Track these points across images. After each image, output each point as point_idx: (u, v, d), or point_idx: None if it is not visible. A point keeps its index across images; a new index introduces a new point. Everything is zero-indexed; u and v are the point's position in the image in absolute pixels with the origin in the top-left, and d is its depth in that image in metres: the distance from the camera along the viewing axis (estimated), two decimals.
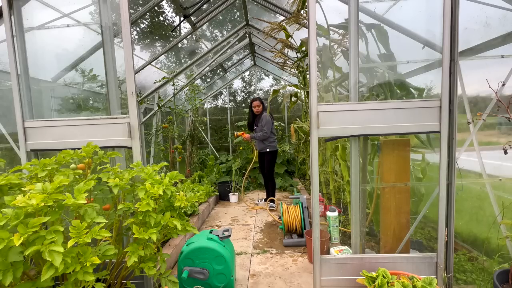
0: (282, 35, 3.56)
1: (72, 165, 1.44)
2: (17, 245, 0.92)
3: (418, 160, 2.45)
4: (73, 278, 1.05)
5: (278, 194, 4.66)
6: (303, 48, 3.49)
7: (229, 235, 1.89)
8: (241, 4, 3.89)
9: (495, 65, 1.92)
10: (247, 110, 5.67)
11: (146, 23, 4.78)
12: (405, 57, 2.25)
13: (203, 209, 3.48)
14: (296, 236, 2.79)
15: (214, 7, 3.62)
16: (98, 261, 1.08)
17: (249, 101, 4.15)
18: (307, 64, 3.60)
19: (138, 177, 1.51)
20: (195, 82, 5.80)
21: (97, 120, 1.68)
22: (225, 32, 5.22)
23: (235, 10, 4.74)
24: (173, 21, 4.71)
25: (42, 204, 1.02)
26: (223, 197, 4.44)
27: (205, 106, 7.34)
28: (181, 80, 5.69)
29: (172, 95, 4.61)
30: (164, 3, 3.85)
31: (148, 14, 4.43)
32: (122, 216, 1.46)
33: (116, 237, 1.45)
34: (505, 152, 1.49)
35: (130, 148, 1.67)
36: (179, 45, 4.45)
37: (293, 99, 4.36)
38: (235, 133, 4.00)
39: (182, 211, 1.71)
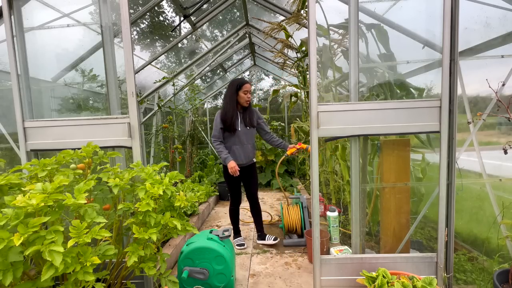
0: (282, 35, 3.56)
1: (72, 165, 1.44)
2: (17, 245, 0.92)
3: (418, 160, 2.45)
4: (73, 278, 1.05)
5: (278, 194, 4.66)
6: (303, 48, 3.49)
7: (229, 235, 1.89)
8: (241, 4, 3.89)
9: (495, 65, 1.92)
10: None
11: (146, 23, 4.79)
12: (405, 57, 2.25)
13: (203, 209, 3.48)
14: (296, 236, 2.79)
15: (214, 7, 3.62)
16: (98, 261, 1.08)
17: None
18: (307, 64, 3.60)
19: (138, 177, 1.51)
20: (195, 82, 5.80)
21: (97, 120, 1.68)
22: (225, 32, 5.23)
23: (235, 10, 4.75)
24: (173, 21, 4.72)
25: (42, 204, 1.02)
26: (223, 197, 4.44)
27: (205, 106, 7.34)
28: (181, 80, 5.68)
29: (172, 95, 4.61)
30: (164, 3, 3.85)
31: (148, 14, 4.43)
32: (122, 216, 1.46)
33: (116, 237, 1.45)
34: (505, 152, 1.49)
35: (130, 148, 1.67)
36: (179, 45, 4.45)
37: (293, 99, 4.37)
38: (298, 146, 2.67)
39: (182, 211, 1.71)
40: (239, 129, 2.48)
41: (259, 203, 2.75)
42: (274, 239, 2.72)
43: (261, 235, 2.78)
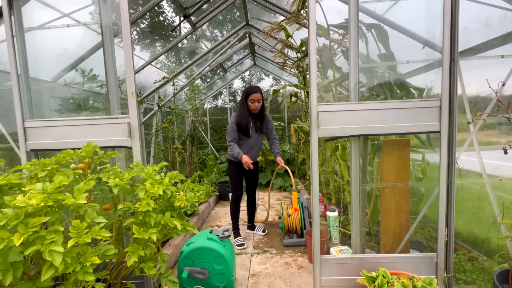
0: (282, 35, 3.56)
1: (72, 165, 1.44)
2: (17, 245, 0.92)
3: (418, 160, 2.45)
4: (73, 278, 1.05)
5: (278, 194, 4.66)
6: (303, 48, 3.49)
7: (229, 235, 1.89)
8: (241, 4, 3.89)
9: (495, 65, 1.92)
10: None
11: (146, 23, 4.78)
12: (405, 57, 2.25)
13: (203, 209, 3.48)
14: (296, 236, 2.79)
15: (214, 7, 3.62)
16: (98, 261, 1.08)
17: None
18: (307, 64, 3.60)
19: (138, 177, 1.51)
20: (195, 82, 5.80)
21: (97, 120, 1.68)
22: (225, 32, 5.22)
23: (235, 10, 4.74)
24: (173, 21, 4.71)
25: (42, 204, 1.02)
26: (223, 197, 4.44)
27: (205, 106, 7.34)
28: (181, 80, 5.68)
29: (172, 95, 4.61)
30: (164, 3, 3.84)
31: (148, 14, 4.42)
32: (122, 216, 1.46)
33: (116, 237, 1.45)
34: (505, 152, 1.49)
35: (130, 148, 1.67)
36: (179, 45, 4.45)
37: (293, 99, 4.37)
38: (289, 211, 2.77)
39: (182, 211, 1.71)
40: (251, 134, 2.65)
41: (256, 198, 3.06)
42: (263, 231, 3.03)
43: (251, 226, 3.09)
